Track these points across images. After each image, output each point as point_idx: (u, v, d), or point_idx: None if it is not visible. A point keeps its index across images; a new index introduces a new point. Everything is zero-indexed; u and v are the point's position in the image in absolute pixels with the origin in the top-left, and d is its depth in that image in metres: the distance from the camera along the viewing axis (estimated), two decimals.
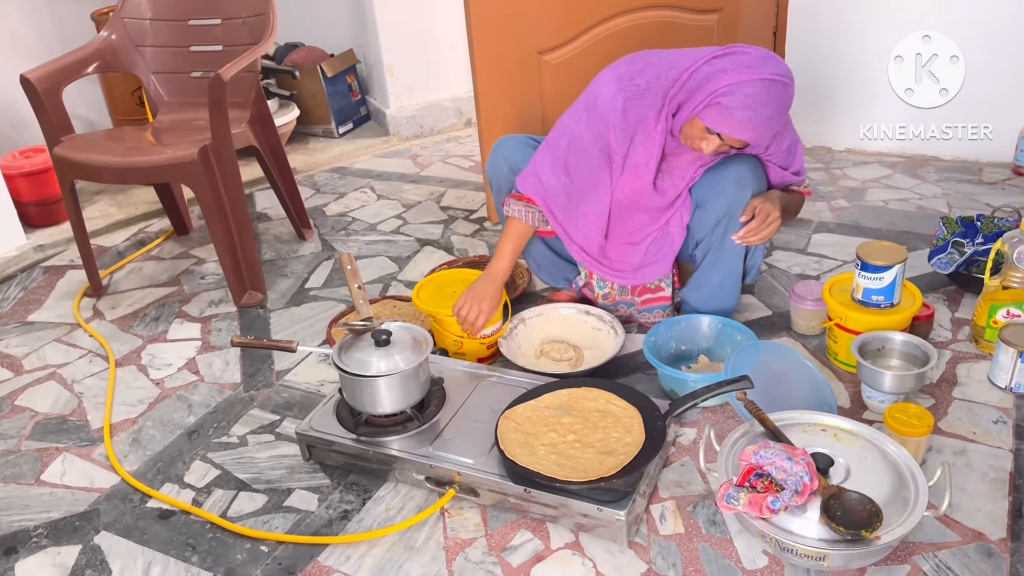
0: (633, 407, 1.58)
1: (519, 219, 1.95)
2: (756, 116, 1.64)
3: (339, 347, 1.67)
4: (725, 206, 1.85)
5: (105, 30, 2.52)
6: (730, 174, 1.85)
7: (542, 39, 2.52)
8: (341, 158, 3.54)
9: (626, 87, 1.81)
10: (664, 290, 2.04)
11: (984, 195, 2.72)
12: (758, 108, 1.63)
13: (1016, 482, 1.52)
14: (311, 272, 2.56)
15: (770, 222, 1.83)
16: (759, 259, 2.03)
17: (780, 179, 1.94)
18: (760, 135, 1.70)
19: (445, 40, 3.62)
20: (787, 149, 1.90)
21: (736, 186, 1.84)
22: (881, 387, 1.69)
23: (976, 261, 2.03)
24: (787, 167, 1.93)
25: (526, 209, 1.94)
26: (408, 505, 1.59)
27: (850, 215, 2.67)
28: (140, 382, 2.06)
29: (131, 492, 1.69)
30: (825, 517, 1.30)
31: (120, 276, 2.62)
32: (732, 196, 1.84)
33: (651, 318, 2.06)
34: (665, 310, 2.05)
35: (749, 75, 1.63)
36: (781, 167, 1.92)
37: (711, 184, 1.87)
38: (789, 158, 1.92)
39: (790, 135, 1.90)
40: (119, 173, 2.28)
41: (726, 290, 2.00)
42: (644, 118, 1.81)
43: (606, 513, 1.41)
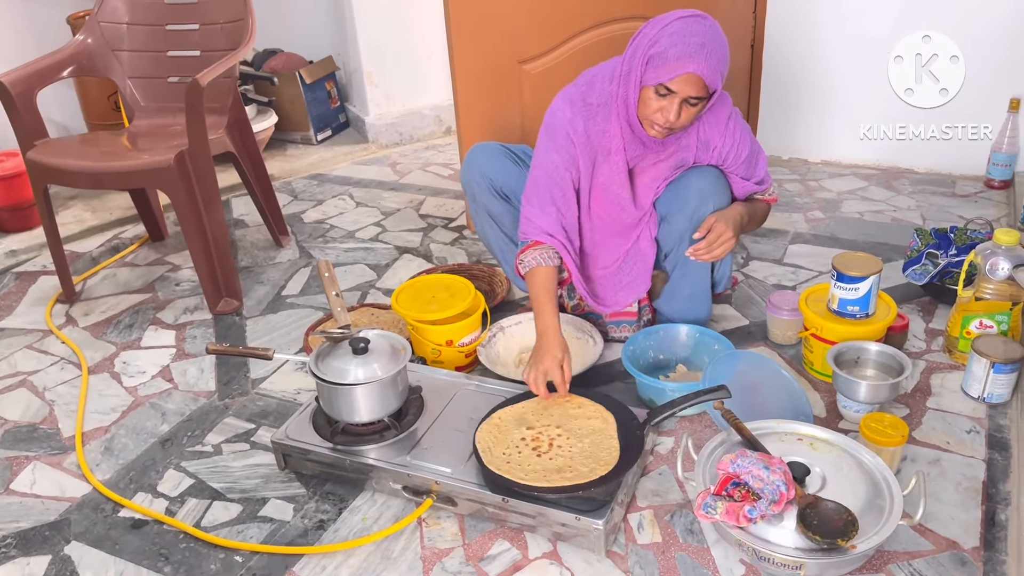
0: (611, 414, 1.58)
1: (538, 266, 1.84)
2: (688, 46, 1.61)
3: (316, 355, 1.65)
4: (687, 219, 1.86)
5: (81, 34, 2.50)
6: (692, 187, 1.86)
7: (522, 49, 2.53)
8: (319, 165, 3.52)
9: (581, 110, 1.82)
10: (631, 306, 2.05)
11: (957, 207, 2.76)
12: (687, 38, 1.62)
13: (989, 491, 1.54)
14: (288, 279, 2.54)
15: (722, 242, 1.80)
16: (727, 271, 2.04)
17: (743, 190, 1.94)
18: (704, 68, 1.62)
19: (425, 48, 3.63)
20: (748, 160, 1.90)
21: (698, 199, 1.85)
22: (856, 397, 1.70)
23: (950, 273, 2.06)
24: (749, 178, 1.93)
25: (539, 253, 1.85)
26: (385, 515, 1.58)
27: (826, 226, 2.70)
28: (113, 390, 2.03)
29: (103, 501, 1.66)
30: (801, 526, 1.31)
31: (94, 282, 2.59)
32: (694, 209, 1.85)
33: (618, 332, 2.07)
34: (632, 325, 2.06)
35: (664, 21, 1.65)
36: (743, 178, 1.92)
37: (674, 197, 1.88)
38: (751, 168, 1.92)
39: (749, 145, 1.89)
40: (94, 178, 2.26)
41: (697, 301, 2.01)
42: (605, 133, 1.82)
43: (584, 522, 1.40)
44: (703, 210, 1.85)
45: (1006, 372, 1.72)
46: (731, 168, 1.90)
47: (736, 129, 1.86)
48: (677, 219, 1.88)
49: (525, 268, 1.86)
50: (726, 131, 1.85)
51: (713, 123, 1.84)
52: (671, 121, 1.69)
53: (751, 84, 3.18)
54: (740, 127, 1.87)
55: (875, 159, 3.15)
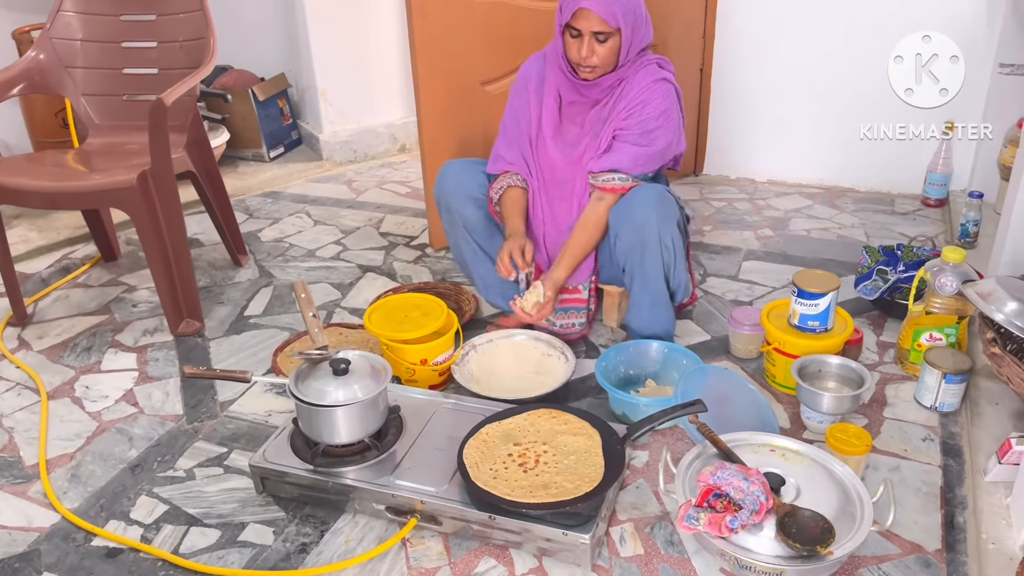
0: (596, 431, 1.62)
1: (511, 187, 2.11)
2: None
3: (295, 376, 1.65)
4: (636, 231, 1.94)
5: (33, 50, 2.44)
6: (636, 203, 1.95)
7: (484, 70, 2.58)
8: (273, 182, 3.49)
9: (538, 60, 2.12)
10: (580, 292, 2.12)
11: (898, 225, 2.90)
12: None
13: (947, 496, 1.63)
14: (249, 299, 2.51)
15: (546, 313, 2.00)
16: (683, 279, 2.09)
17: (631, 158, 1.99)
18: (595, 4, 1.83)
19: (379, 66, 3.64)
20: (651, 122, 1.97)
21: (642, 213, 1.93)
22: (819, 408, 1.78)
23: (899, 288, 2.16)
24: (645, 145, 1.98)
25: (508, 179, 2.12)
26: (368, 536, 1.58)
27: (776, 243, 2.80)
28: (75, 415, 1.98)
29: (73, 531, 1.62)
30: (781, 534, 1.37)
31: (45, 304, 2.51)
32: (641, 221, 1.93)
33: (568, 324, 2.13)
34: (580, 312, 2.13)
35: None
36: (638, 144, 1.98)
37: (621, 214, 1.97)
38: (648, 136, 1.99)
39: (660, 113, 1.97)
40: (49, 198, 2.19)
41: (659, 310, 2.07)
42: (548, 78, 2.07)
43: (571, 537, 1.43)
44: (648, 220, 1.92)
45: (956, 382, 1.81)
46: (628, 125, 1.98)
47: (656, 90, 1.97)
48: (626, 232, 1.96)
49: (497, 192, 2.12)
50: (645, 88, 1.97)
51: (638, 81, 1.98)
52: (584, 57, 1.91)
53: (700, 106, 3.30)
54: (661, 92, 1.97)
55: (818, 178, 3.28)
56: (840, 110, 3.09)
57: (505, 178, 2.12)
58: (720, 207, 3.12)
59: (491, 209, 2.14)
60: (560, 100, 2.08)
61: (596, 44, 1.90)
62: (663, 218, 1.93)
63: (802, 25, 3.05)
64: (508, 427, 1.66)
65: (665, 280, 2.03)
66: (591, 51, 1.91)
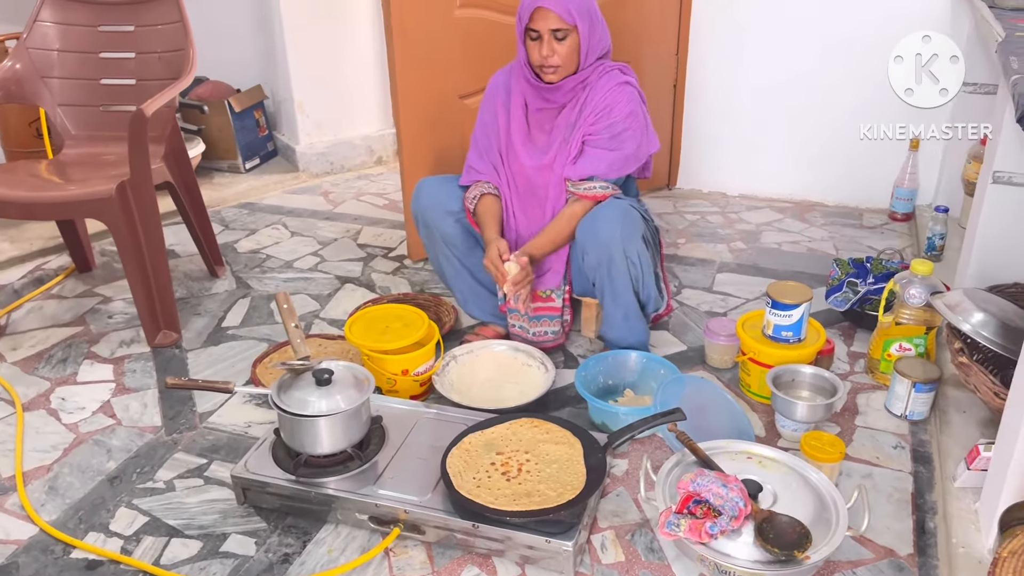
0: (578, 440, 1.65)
1: (484, 195, 2.13)
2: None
3: (278, 386, 1.65)
4: (602, 247, 1.98)
5: (9, 59, 2.42)
6: (600, 220, 1.98)
7: (461, 84, 2.60)
8: (249, 193, 3.49)
9: (506, 71, 2.16)
10: (554, 301, 2.15)
11: (866, 238, 2.97)
12: None
13: (917, 501, 1.67)
14: (227, 311, 2.51)
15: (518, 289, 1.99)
16: (651, 291, 2.11)
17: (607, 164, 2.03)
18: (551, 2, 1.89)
19: (356, 79, 3.66)
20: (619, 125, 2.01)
21: (607, 230, 1.97)
22: (794, 416, 1.82)
23: (869, 299, 2.22)
24: (613, 149, 2.02)
25: (481, 188, 2.14)
26: (351, 546, 1.58)
27: (748, 256, 2.85)
28: (52, 427, 1.96)
29: (52, 543, 1.60)
30: (760, 540, 1.40)
31: (19, 315, 2.49)
32: (606, 237, 1.96)
33: (541, 332, 2.16)
34: (553, 320, 2.16)
35: None
36: (606, 149, 2.02)
37: (587, 231, 2.00)
38: (616, 140, 2.03)
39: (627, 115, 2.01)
40: (26, 208, 2.18)
41: (632, 322, 2.10)
42: (515, 87, 2.11)
43: (554, 544, 1.45)
44: (613, 235, 1.95)
45: (926, 391, 1.87)
46: (597, 130, 2.02)
47: (620, 94, 2.01)
48: (592, 248, 1.99)
49: (472, 201, 2.14)
50: (609, 92, 2.01)
51: (602, 86, 2.02)
52: (545, 56, 1.95)
53: (673, 121, 3.36)
54: (626, 95, 2.02)
55: (788, 193, 3.35)
56: (809, 126, 3.17)
57: (478, 187, 2.15)
58: (694, 220, 3.17)
59: (468, 218, 2.17)
60: (527, 108, 2.11)
61: (555, 43, 1.94)
62: (628, 235, 1.97)
63: (773, 44, 3.12)
64: (490, 436, 1.68)
65: (635, 293, 2.06)
66: (551, 50, 1.95)
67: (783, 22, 3.09)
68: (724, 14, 3.14)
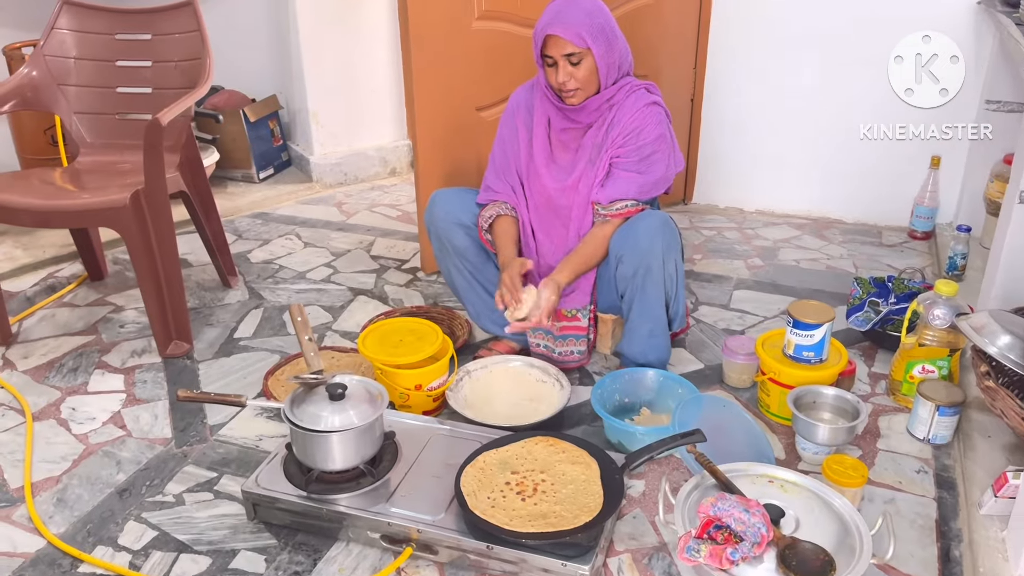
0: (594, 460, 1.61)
1: (500, 216, 2.11)
2: (546, 16, 1.92)
3: (291, 401, 1.63)
4: (640, 256, 1.94)
5: (26, 67, 2.42)
6: (641, 228, 1.95)
7: (478, 97, 2.59)
8: (263, 203, 3.48)
9: (527, 89, 2.14)
10: (580, 320, 2.11)
11: (885, 256, 2.93)
12: (547, 11, 1.93)
13: (942, 529, 1.63)
14: (239, 321, 2.49)
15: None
16: (681, 307, 2.11)
17: (630, 187, 2.00)
18: (560, 28, 1.88)
19: (371, 90, 3.65)
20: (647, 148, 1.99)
21: (647, 239, 1.94)
22: (815, 439, 1.78)
23: (891, 319, 2.18)
24: (642, 172, 2.00)
25: (497, 208, 2.11)
26: (362, 565, 1.55)
27: (766, 273, 2.82)
28: (62, 437, 1.94)
29: (59, 556, 1.58)
30: (783, 567, 1.36)
31: (31, 323, 2.47)
32: (647, 246, 1.94)
33: (567, 352, 2.13)
34: (579, 340, 2.12)
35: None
36: (635, 172, 2.00)
37: (625, 239, 1.97)
38: (645, 162, 2.00)
39: (655, 138, 1.99)
40: (41, 216, 2.17)
41: (657, 338, 2.07)
42: (537, 108, 2.08)
43: (570, 568, 1.42)
44: (653, 247, 1.93)
45: (949, 415, 1.83)
46: (626, 152, 1.99)
47: (649, 116, 1.98)
48: (629, 258, 1.96)
49: (487, 221, 2.12)
50: (638, 113, 1.98)
51: (629, 106, 1.99)
52: (562, 82, 1.94)
53: (690, 135, 3.33)
54: (655, 118, 1.99)
55: (806, 209, 3.32)
56: (828, 142, 3.14)
57: (494, 207, 2.12)
58: (710, 236, 3.14)
59: (480, 236, 2.14)
60: (550, 127, 2.08)
61: (571, 67, 1.92)
62: (668, 245, 1.94)
63: (792, 60, 3.10)
64: (505, 455, 1.65)
65: (665, 307, 2.03)
66: (568, 75, 1.93)
67: (802, 38, 3.06)
68: (742, 29, 3.12)
